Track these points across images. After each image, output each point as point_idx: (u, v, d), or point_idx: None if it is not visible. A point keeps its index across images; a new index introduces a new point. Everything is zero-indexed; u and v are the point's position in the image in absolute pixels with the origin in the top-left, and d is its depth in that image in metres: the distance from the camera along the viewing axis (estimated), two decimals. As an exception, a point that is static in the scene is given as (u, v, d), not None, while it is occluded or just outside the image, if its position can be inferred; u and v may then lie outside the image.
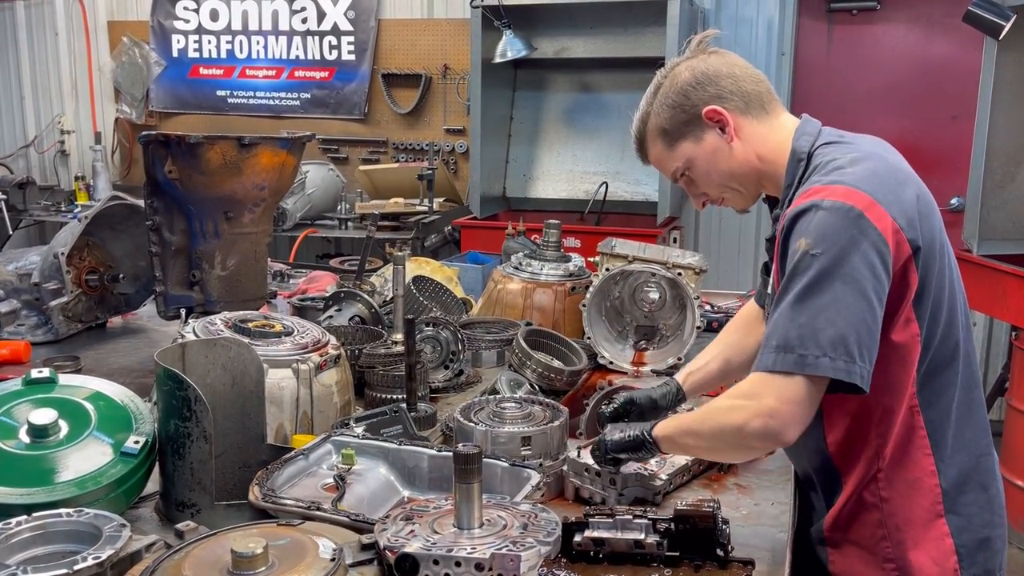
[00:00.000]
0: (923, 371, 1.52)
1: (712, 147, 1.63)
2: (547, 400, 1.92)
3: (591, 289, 2.60)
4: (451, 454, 1.30)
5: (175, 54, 6.69)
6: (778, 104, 1.68)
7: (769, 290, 1.65)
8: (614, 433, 1.62)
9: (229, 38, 6.55)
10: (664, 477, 1.72)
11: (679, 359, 2.47)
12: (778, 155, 1.62)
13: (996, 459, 1.64)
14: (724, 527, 1.39)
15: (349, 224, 5.63)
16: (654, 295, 2.64)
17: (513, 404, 1.83)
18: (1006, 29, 3.83)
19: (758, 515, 1.70)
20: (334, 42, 6.30)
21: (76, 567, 1.17)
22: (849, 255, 1.38)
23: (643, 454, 1.61)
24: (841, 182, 1.45)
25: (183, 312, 2.49)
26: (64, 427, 1.55)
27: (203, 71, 6.67)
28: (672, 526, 1.38)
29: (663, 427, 1.58)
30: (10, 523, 1.30)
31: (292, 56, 6.42)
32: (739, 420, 1.42)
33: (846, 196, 1.42)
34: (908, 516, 1.55)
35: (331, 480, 1.59)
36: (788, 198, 1.57)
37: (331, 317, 2.60)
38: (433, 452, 1.65)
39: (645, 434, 1.58)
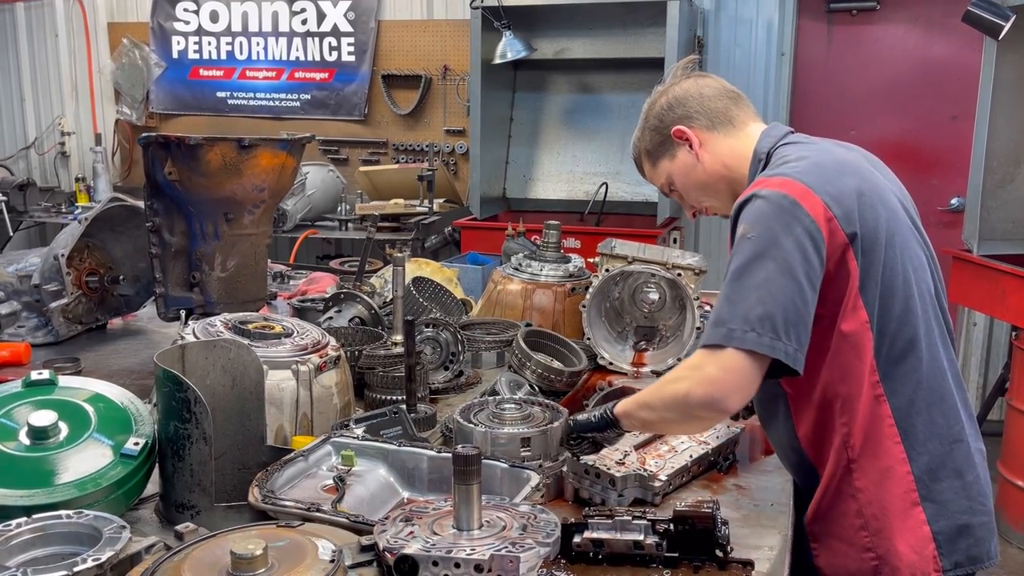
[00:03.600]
0: (882, 360, 1.57)
1: (684, 162, 1.79)
2: (547, 401, 1.92)
3: (591, 290, 2.60)
4: (451, 455, 1.30)
5: (175, 55, 6.69)
6: (748, 116, 1.79)
7: None
8: (580, 415, 1.71)
9: (229, 39, 6.56)
10: (663, 478, 1.72)
11: (679, 359, 2.48)
12: (743, 161, 1.74)
13: (973, 447, 1.64)
14: (723, 528, 1.39)
15: (349, 225, 5.64)
16: (654, 296, 2.64)
17: (513, 405, 1.83)
18: (1005, 29, 3.83)
19: (757, 516, 1.70)
20: (334, 43, 6.31)
21: (76, 569, 1.17)
22: (781, 239, 1.47)
23: (608, 433, 1.67)
24: (781, 174, 1.57)
25: (183, 314, 2.49)
26: (64, 429, 1.55)
27: (203, 72, 6.67)
28: (671, 527, 1.37)
29: (622, 404, 1.65)
30: (10, 525, 1.30)
31: (292, 57, 6.43)
32: (684, 389, 1.50)
33: (782, 185, 1.53)
34: (883, 505, 1.58)
35: (331, 481, 1.59)
36: None
37: (331, 318, 2.60)
38: (433, 453, 1.65)
39: (607, 412, 1.65)
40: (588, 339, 2.58)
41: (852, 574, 1.63)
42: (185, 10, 6.60)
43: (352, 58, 6.28)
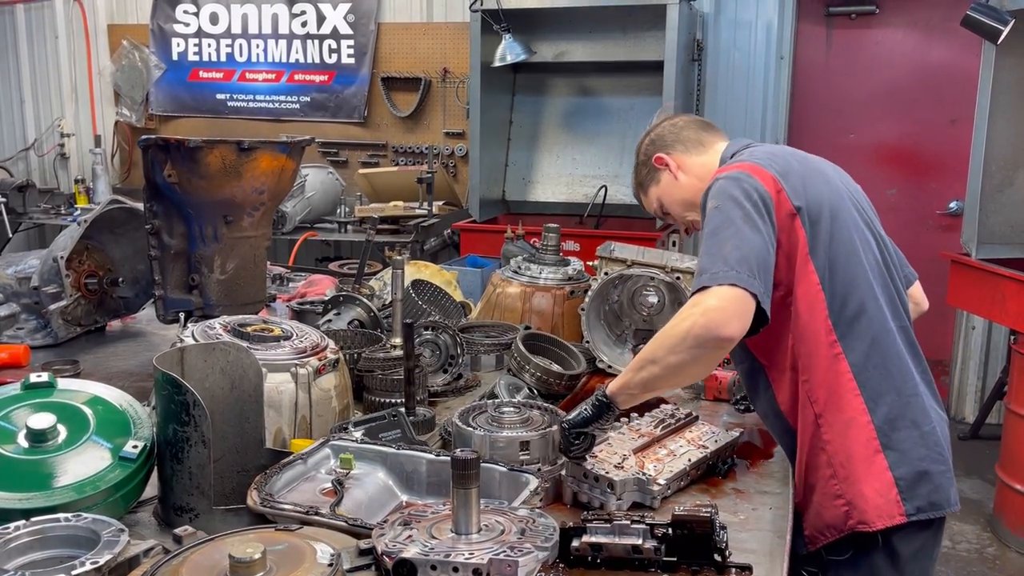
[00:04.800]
0: (837, 320, 1.75)
1: (666, 184, 2.06)
2: (546, 404, 1.92)
3: (590, 293, 2.60)
4: (449, 459, 1.30)
5: (175, 57, 6.70)
6: (716, 137, 2.06)
7: None
8: (570, 415, 1.72)
9: (229, 41, 6.56)
10: (662, 482, 1.72)
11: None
12: (712, 171, 1.93)
13: (929, 402, 1.82)
14: (722, 532, 1.39)
15: (349, 227, 5.64)
16: (653, 299, 2.64)
17: (511, 408, 1.83)
18: (1004, 33, 3.84)
19: (756, 520, 1.70)
20: (334, 46, 6.31)
21: (74, 572, 1.17)
22: (742, 201, 1.70)
23: (604, 419, 1.70)
24: (738, 160, 1.86)
25: (182, 316, 2.49)
26: (63, 432, 1.55)
27: (203, 74, 6.67)
28: (670, 531, 1.37)
29: (613, 384, 1.71)
30: (8, 528, 1.30)
31: (292, 59, 6.43)
32: (686, 326, 1.61)
33: (738, 167, 1.80)
34: (849, 453, 1.75)
35: (329, 484, 1.59)
36: None
37: (330, 321, 2.60)
38: (431, 456, 1.65)
39: (600, 397, 1.70)
40: (587, 342, 2.58)
41: (828, 525, 1.77)
42: (185, 12, 6.61)
43: (352, 60, 6.28)
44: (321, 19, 6.30)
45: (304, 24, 6.35)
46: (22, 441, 1.52)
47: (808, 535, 1.82)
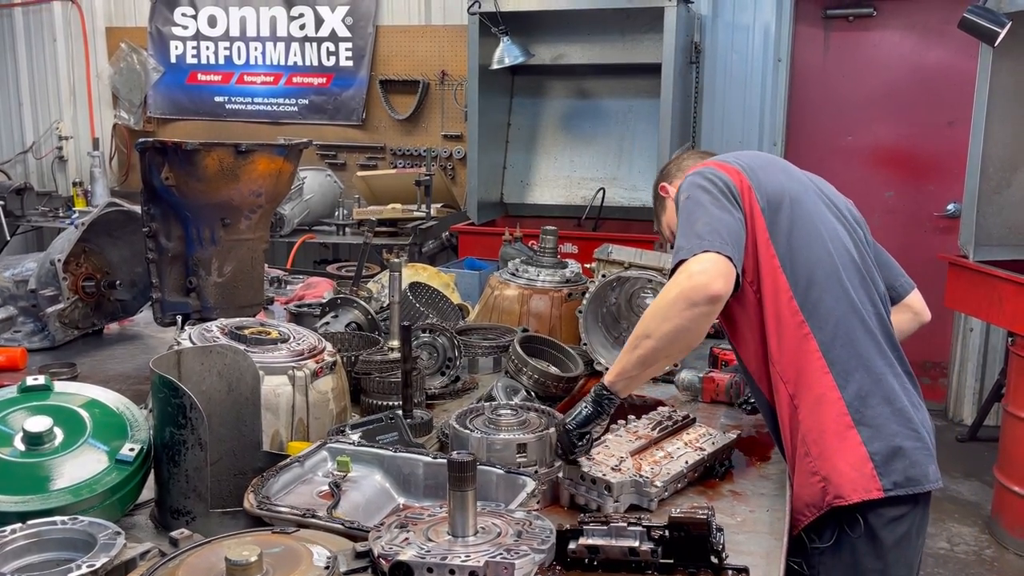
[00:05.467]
0: (801, 299, 1.81)
1: (670, 210, 2.22)
2: (543, 407, 1.92)
3: (587, 295, 2.60)
4: (446, 461, 1.30)
5: (173, 60, 6.70)
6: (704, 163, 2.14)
7: None
8: (569, 417, 1.74)
9: (227, 44, 6.57)
10: (659, 484, 1.72)
11: (675, 365, 2.48)
12: None
13: (901, 383, 1.85)
14: (718, 534, 1.39)
15: (347, 230, 5.64)
16: (650, 301, 2.64)
17: (509, 411, 1.83)
18: (1001, 35, 3.84)
19: (753, 522, 1.70)
20: (332, 48, 6.32)
21: (71, 575, 1.17)
22: (709, 188, 1.82)
23: (605, 413, 1.73)
24: (704, 163, 1.97)
25: (179, 319, 2.49)
26: (59, 435, 1.55)
27: (201, 77, 6.68)
28: (667, 533, 1.38)
29: (609, 374, 1.75)
30: (4, 531, 1.30)
31: (290, 62, 6.44)
32: (675, 291, 1.67)
33: (703, 165, 1.93)
34: (821, 429, 1.78)
35: (326, 487, 1.59)
36: None
37: (328, 324, 2.60)
38: (428, 459, 1.65)
39: (599, 390, 1.73)
40: (585, 344, 2.58)
41: (808, 503, 1.79)
42: (183, 15, 6.61)
43: (350, 63, 6.29)
44: (319, 22, 6.31)
45: (302, 27, 6.36)
46: (19, 444, 1.52)
47: (791, 519, 1.82)
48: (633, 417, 1.98)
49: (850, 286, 1.84)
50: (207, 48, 6.61)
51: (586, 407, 1.73)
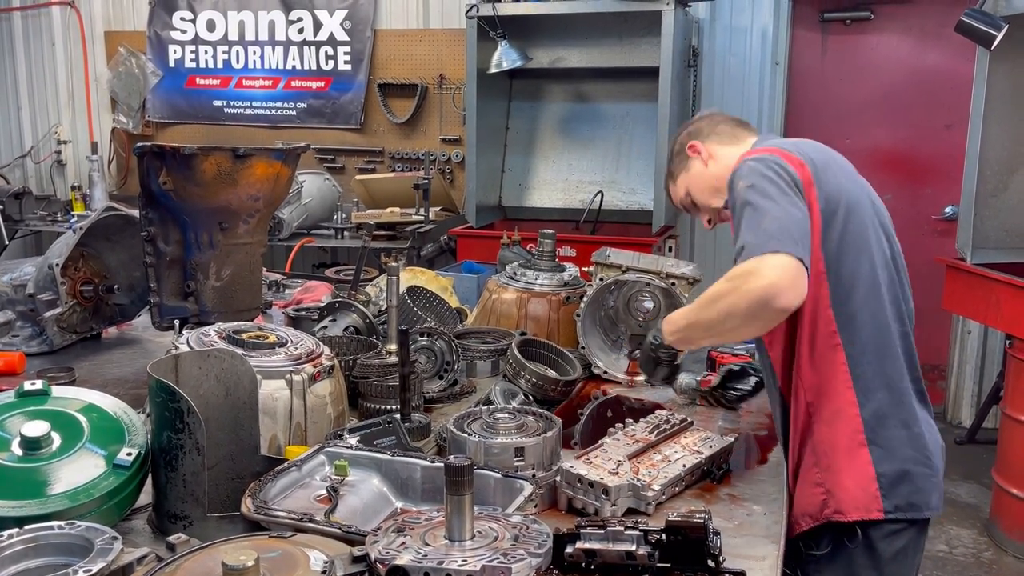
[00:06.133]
0: (838, 310, 1.78)
1: (697, 172, 2.09)
2: (540, 410, 1.92)
3: (585, 299, 2.60)
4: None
5: (172, 64, 6.71)
6: (750, 133, 2.09)
7: None
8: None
9: (226, 48, 6.57)
10: (657, 488, 1.72)
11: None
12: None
13: (920, 405, 1.84)
14: (715, 538, 1.39)
15: (345, 233, 5.64)
16: (648, 305, 2.65)
17: (506, 415, 1.83)
18: (998, 39, 3.85)
19: (750, 525, 1.70)
20: (330, 52, 6.32)
21: (67, 580, 1.17)
22: (774, 179, 1.73)
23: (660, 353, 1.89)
24: (763, 146, 1.90)
25: (177, 323, 2.49)
26: (57, 439, 1.54)
27: (200, 81, 6.68)
28: (664, 537, 1.38)
29: (670, 327, 1.85)
30: (2, 536, 1.30)
31: (288, 66, 6.44)
32: (743, 298, 1.61)
33: (764, 151, 1.84)
34: (833, 443, 1.77)
35: (324, 491, 1.59)
36: None
37: (325, 328, 2.60)
38: (426, 463, 1.65)
39: (657, 334, 1.87)
40: (583, 348, 2.58)
41: (806, 512, 1.81)
42: (182, 19, 6.62)
43: (348, 67, 6.29)
44: (318, 26, 6.31)
45: (301, 31, 6.37)
46: (16, 449, 1.52)
47: (788, 523, 1.82)
48: (631, 421, 1.98)
49: (887, 301, 1.81)
50: (206, 52, 6.62)
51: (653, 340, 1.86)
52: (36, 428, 1.53)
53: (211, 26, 6.57)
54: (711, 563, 1.38)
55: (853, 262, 1.78)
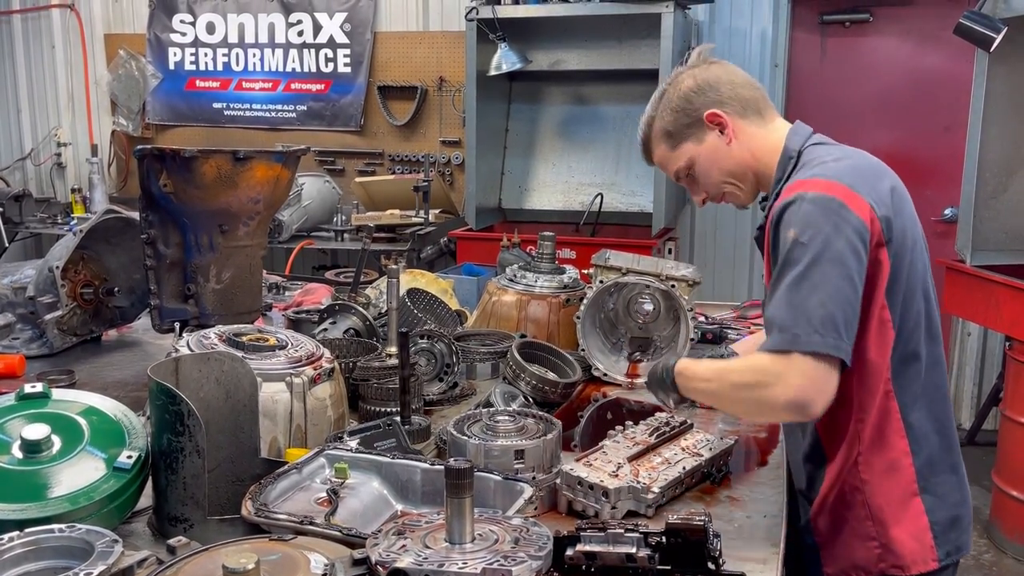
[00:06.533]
0: (896, 358, 1.64)
1: (712, 147, 1.78)
2: (541, 413, 1.92)
3: (585, 301, 2.60)
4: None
5: (172, 67, 6.71)
6: (773, 110, 1.83)
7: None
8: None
9: (225, 51, 6.58)
10: (656, 490, 1.73)
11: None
12: (772, 154, 1.76)
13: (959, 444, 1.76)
14: (715, 541, 1.39)
15: (345, 236, 5.64)
16: (648, 307, 2.65)
17: (506, 417, 1.83)
18: (997, 41, 3.86)
19: (751, 528, 1.70)
20: (330, 55, 6.33)
21: (68, 583, 1.17)
22: (833, 241, 1.51)
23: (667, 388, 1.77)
24: (823, 175, 1.61)
25: (178, 326, 2.49)
26: (57, 442, 1.55)
27: (200, 83, 6.69)
28: (664, 540, 1.38)
29: (684, 377, 1.73)
30: (2, 539, 1.30)
31: (288, 68, 6.45)
32: (768, 395, 1.52)
33: (828, 188, 1.57)
34: (887, 496, 1.66)
35: (324, 494, 1.59)
36: (777, 191, 1.72)
37: (325, 330, 2.60)
38: (426, 466, 1.65)
39: (669, 369, 1.75)
40: (582, 350, 2.58)
41: (857, 564, 1.70)
42: (182, 21, 6.62)
43: (348, 69, 6.30)
44: (317, 28, 6.32)
45: (300, 33, 6.37)
46: (16, 452, 1.52)
47: (831, 573, 1.76)
48: (631, 423, 1.98)
49: (937, 338, 1.69)
50: (205, 55, 6.62)
51: (660, 370, 1.77)
52: (36, 431, 1.53)
53: (211, 28, 6.58)
54: (711, 565, 1.38)
55: (913, 303, 1.64)
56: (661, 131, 1.82)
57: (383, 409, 2.14)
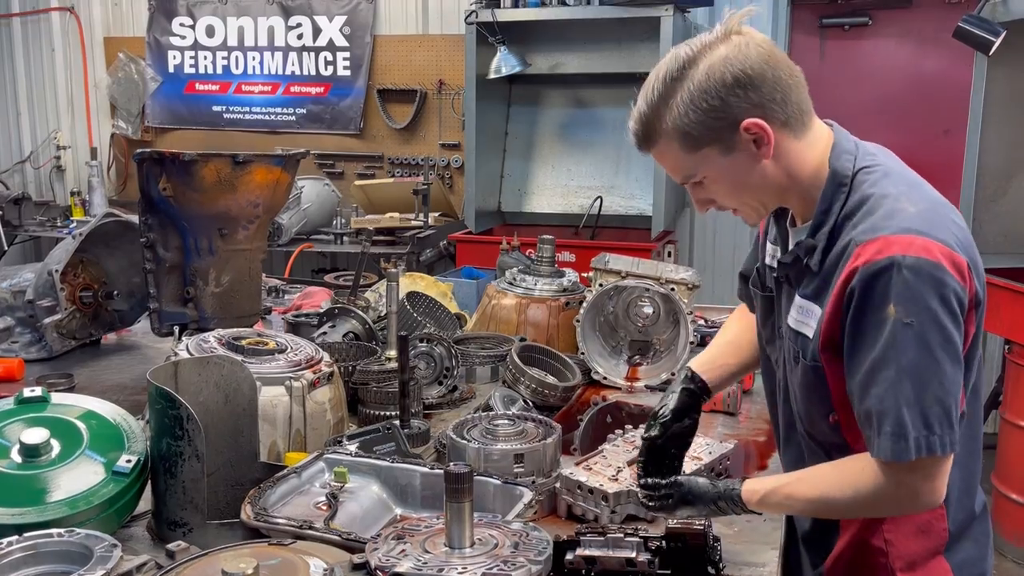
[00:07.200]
0: None
1: (741, 161, 1.43)
2: (540, 417, 1.92)
3: (585, 304, 2.60)
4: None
5: (171, 70, 6.71)
6: (812, 109, 1.51)
7: (788, 320, 1.54)
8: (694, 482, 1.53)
9: (225, 54, 6.58)
10: (657, 494, 1.72)
11: (672, 374, 2.48)
12: (813, 176, 1.48)
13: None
14: (715, 545, 1.39)
15: (345, 239, 5.64)
16: (648, 310, 2.65)
17: (506, 421, 1.83)
18: (996, 45, 3.86)
19: (750, 532, 1.69)
20: (330, 58, 6.33)
21: (67, 588, 1.17)
22: (942, 319, 1.31)
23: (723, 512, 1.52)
24: (911, 230, 1.35)
25: (177, 329, 2.49)
26: (56, 446, 1.55)
27: (199, 87, 6.69)
28: (664, 544, 1.38)
29: (760, 495, 1.49)
30: (1, 543, 1.30)
31: (288, 72, 6.45)
32: (897, 509, 1.44)
33: (926, 251, 1.32)
34: (913, 557, 1.54)
35: (323, 498, 1.59)
36: (830, 226, 1.45)
37: (325, 334, 2.60)
38: (426, 470, 1.65)
39: (733, 490, 1.49)
40: (582, 354, 2.58)
41: None
42: (181, 25, 6.63)
43: (348, 72, 6.30)
44: (317, 31, 6.32)
45: (300, 36, 6.37)
46: (15, 456, 1.52)
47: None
48: (630, 427, 1.98)
49: (976, 397, 1.51)
50: (205, 58, 6.62)
51: (712, 488, 1.51)
52: (35, 435, 1.53)
53: (210, 32, 6.58)
54: (711, 570, 1.38)
55: (976, 360, 1.47)
56: (677, 130, 1.41)
57: (382, 413, 2.14)
